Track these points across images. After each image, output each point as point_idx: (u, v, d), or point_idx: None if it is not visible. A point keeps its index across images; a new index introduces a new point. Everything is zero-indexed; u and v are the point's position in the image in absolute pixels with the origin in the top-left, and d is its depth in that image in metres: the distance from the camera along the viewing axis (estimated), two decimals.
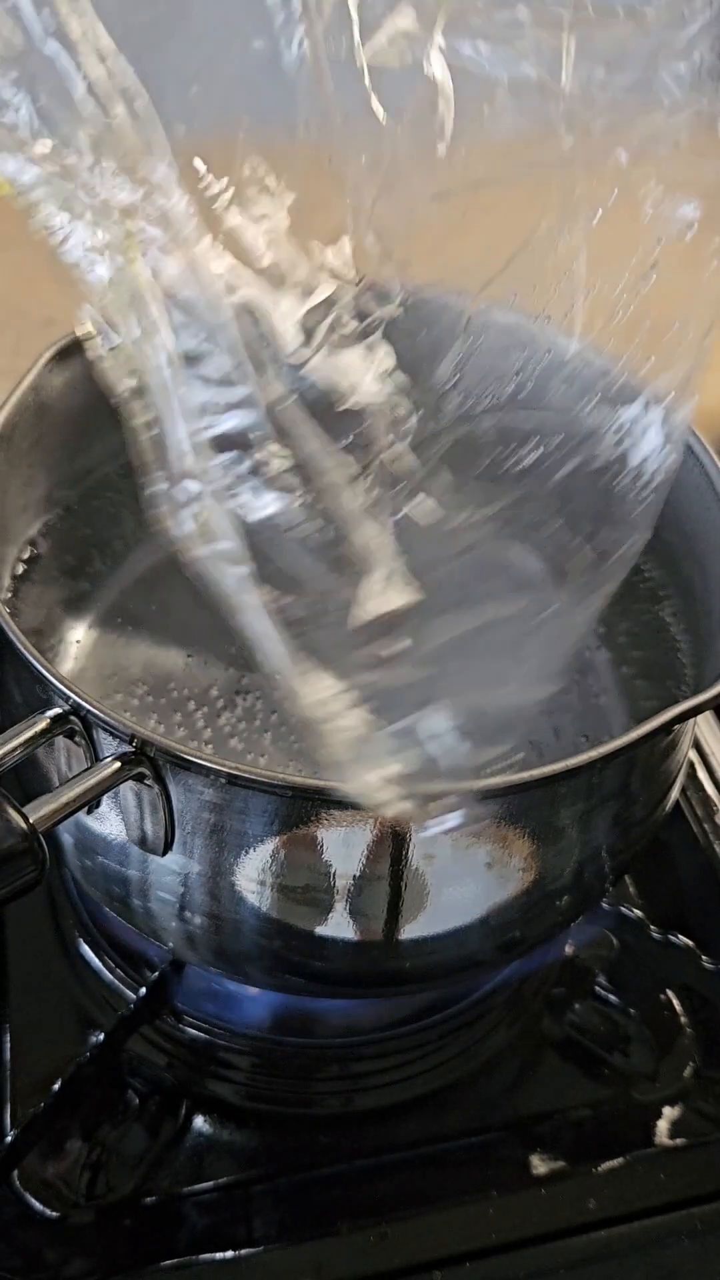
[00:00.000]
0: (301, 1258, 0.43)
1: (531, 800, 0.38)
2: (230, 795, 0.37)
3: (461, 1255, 0.43)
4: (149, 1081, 0.48)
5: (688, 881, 0.56)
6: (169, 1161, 0.47)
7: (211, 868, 0.39)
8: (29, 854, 0.33)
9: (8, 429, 0.46)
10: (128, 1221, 0.45)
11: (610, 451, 0.40)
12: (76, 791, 0.36)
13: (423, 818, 0.34)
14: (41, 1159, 0.46)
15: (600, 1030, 0.51)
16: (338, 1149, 0.47)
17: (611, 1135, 0.48)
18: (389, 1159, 0.47)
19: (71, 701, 0.37)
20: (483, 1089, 0.50)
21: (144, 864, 0.40)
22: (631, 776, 0.40)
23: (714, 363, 0.93)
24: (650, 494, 0.39)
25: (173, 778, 0.37)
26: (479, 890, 0.40)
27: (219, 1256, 0.43)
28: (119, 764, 0.36)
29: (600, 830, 0.41)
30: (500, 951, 0.44)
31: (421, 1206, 0.45)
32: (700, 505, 0.46)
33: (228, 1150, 0.47)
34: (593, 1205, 0.45)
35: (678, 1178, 0.46)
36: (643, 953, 0.52)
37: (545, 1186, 0.46)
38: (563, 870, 0.41)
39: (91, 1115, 0.47)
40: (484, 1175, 0.47)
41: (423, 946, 0.40)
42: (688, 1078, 0.50)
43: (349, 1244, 0.44)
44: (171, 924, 0.41)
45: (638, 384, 0.40)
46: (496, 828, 0.38)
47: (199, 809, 0.37)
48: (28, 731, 0.37)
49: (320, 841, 0.37)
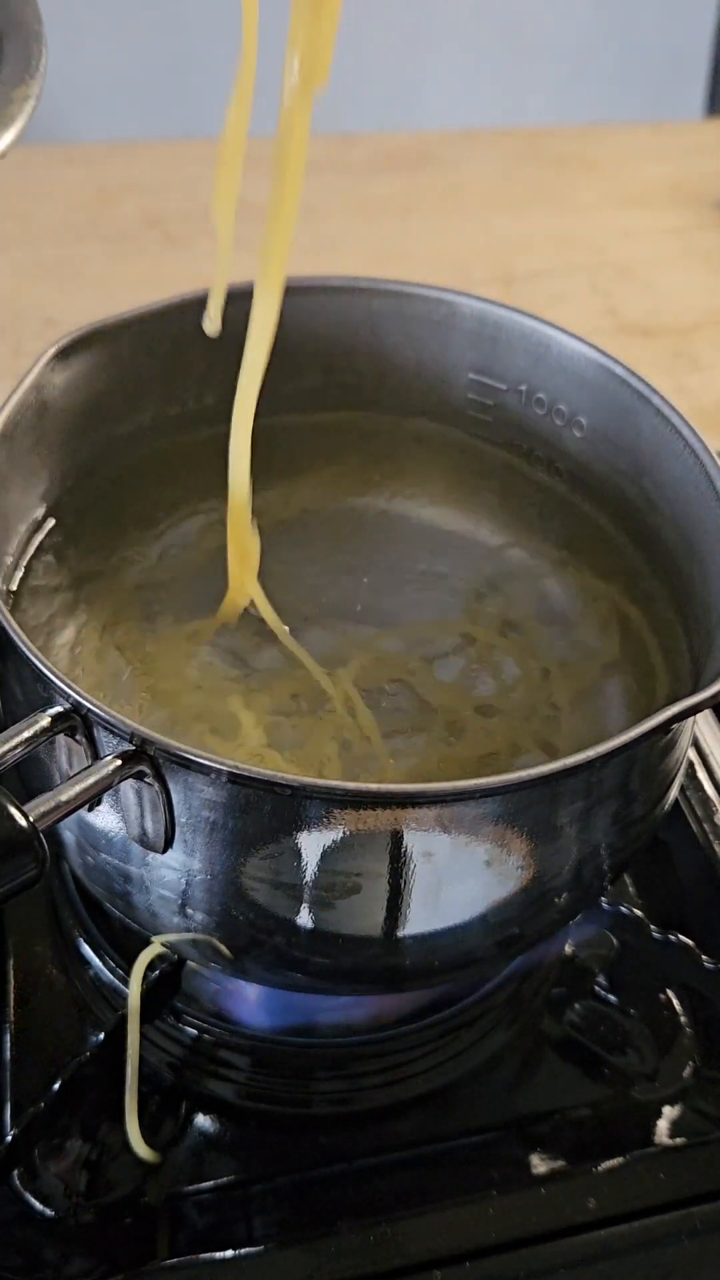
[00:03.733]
0: (301, 1258, 0.43)
1: (530, 798, 0.38)
2: (230, 793, 0.37)
3: (461, 1255, 0.43)
4: (149, 1081, 0.48)
5: (688, 881, 0.56)
6: (169, 1161, 0.47)
7: (212, 865, 0.39)
8: (30, 851, 0.33)
9: (9, 428, 0.46)
10: (128, 1221, 0.45)
11: None
12: (77, 789, 0.36)
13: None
14: (41, 1159, 0.46)
15: (600, 1030, 0.51)
16: (337, 1149, 0.47)
17: (611, 1135, 0.48)
18: (389, 1159, 0.47)
19: (72, 700, 0.37)
20: (483, 1089, 0.50)
21: (145, 861, 0.40)
22: (630, 775, 0.41)
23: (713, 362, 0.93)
24: None
25: (173, 776, 0.37)
26: (478, 888, 0.40)
27: (219, 1256, 0.43)
28: (119, 762, 0.36)
29: (599, 828, 0.41)
30: (499, 948, 0.44)
31: (421, 1206, 0.45)
32: (700, 505, 0.46)
33: (228, 1150, 0.47)
34: (593, 1205, 0.45)
35: (678, 1177, 0.46)
36: (643, 952, 0.52)
37: (545, 1186, 0.46)
38: (562, 868, 0.41)
39: (91, 1115, 0.47)
40: (484, 1175, 0.47)
41: (422, 943, 0.40)
42: (688, 1077, 0.50)
43: (349, 1244, 0.43)
44: (173, 920, 0.41)
45: None
46: (495, 825, 0.38)
47: (199, 807, 0.37)
48: (29, 730, 0.37)
49: (320, 839, 0.37)
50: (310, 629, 0.49)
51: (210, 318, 0.45)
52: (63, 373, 0.48)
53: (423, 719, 0.47)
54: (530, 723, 0.47)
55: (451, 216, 0.97)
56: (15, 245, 0.92)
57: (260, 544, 0.47)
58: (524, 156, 1.05)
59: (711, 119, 1.42)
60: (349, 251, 0.92)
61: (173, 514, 0.54)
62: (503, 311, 0.53)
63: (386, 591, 0.51)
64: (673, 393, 0.49)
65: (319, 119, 0.41)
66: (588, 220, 0.98)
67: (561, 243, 0.95)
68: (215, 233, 0.42)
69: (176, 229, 0.94)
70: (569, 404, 0.53)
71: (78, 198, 0.97)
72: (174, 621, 0.49)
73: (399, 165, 1.02)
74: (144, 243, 0.92)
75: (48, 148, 1.07)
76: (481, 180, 1.01)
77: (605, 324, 0.87)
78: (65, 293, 0.87)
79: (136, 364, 0.52)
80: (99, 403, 0.51)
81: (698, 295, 0.91)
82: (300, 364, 0.56)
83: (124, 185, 0.98)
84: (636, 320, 0.88)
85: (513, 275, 0.91)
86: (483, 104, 1.76)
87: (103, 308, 0.50)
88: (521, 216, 0.98)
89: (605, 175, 1.03)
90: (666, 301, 0.90)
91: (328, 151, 1.02)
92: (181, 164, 1.01)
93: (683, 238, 0.96)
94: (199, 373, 0.54)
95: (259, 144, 0.42)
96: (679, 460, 0.48)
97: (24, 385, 0.47)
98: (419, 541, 0.54)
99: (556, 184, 1.02)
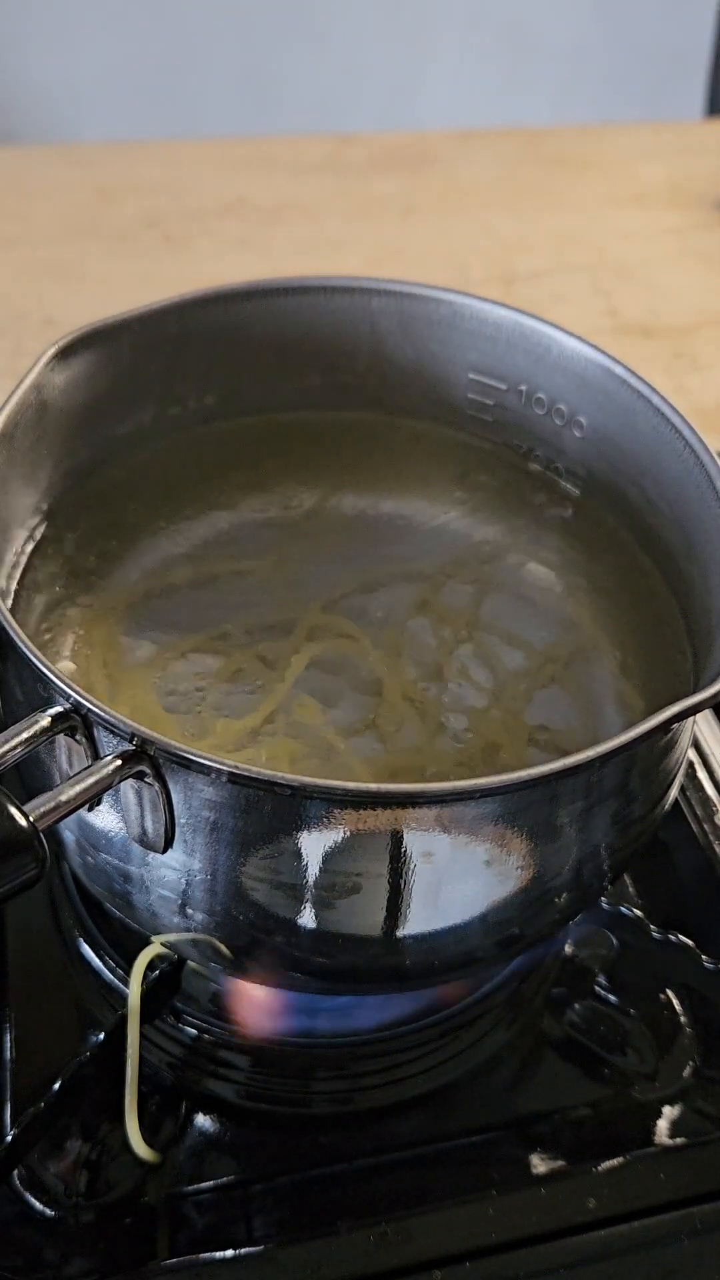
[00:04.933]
0: (301, 1257, 0.43)
1: (530, 798, 0.38)
2: (231, 793, 0.37)
3: (461, 1255, 0.43)
4: (149, 1081, 0.48)
5: (688, 881, 0.56)
6: (169, 1161, 0.47)
7: (212, 865, 0.39)
8: (30, 851, 0.33)
9: (9, 427, 0.46)
10: (128, 1221, 0.45)
11: None
12: (77, 789, 0.36)
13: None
14: (41, 1158, 0.46)
15: (600, 1030, 0.51)
16: (338, 1149, 0.47)
17: (611, 1135, 0.48)
18: (389, 1159, 0.47)
19: (72, 700, 0.37)
20: (483, 1089, 0.50)
21: (145, 861, 0.40)
22: (630, 775, 0.41)
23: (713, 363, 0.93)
24: None
25: (173, 776, 0.37)
26: (478, 887, 0.40)
27: (219, 1256, 0.43)
28: (119, 762, 0.36)
29: (599, 828, 0.41)
30: (499, 948, 0.44)
31: (421, 1206, 0.45)
32: (700, 505, 0.46)
33: (228, 1150, 0.47)
34: (593, 1205, 0.45)
35: (677, 1177, 0.46)
36: (642, 952, 0.52)
37: (545, 1186, 0.46)
38: (561, 868, 0.41)
39: (91, 1115, 0.47)
40: (484, 1175, 0.47)
41: (422, 943, 0.40)
42: (688, 1077, 0.50)
43: (349, 1244, 0.43)
44: (173, 920, 0.41)
45: None
46: (495, 825, 0.38)
47: (199, 807, 0.37)
48: (29, 730, 0.37)
49: (320, 839, 0.37)
50: (311, 628, 0.49)
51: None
52: (63, 373, 0.48)
53: (423, 719, 0.46)
54: (530, 722, 0.47)
55: (451, 216, 0.97)
56: (15, 245, 0.92)
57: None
58: (524, 156, 1.05)
59: (711, 119, 1.42)
60: (349, 251, 0.92)
61: (173, 513, 0.54)
62: (503, 311, 0.53)
63: (385, 591, 0.51)
64: (673, 393, 0.49)
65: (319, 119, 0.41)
66: (588, 220, 0.98)
67: (561, 243, 0.95)
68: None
69: (176, 229, 0.94)
70: (569, 404, 0.53)
71: (78, 198, 0.97)
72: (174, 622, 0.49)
73: (399, 165, 1.02)
74: (144, 243, 0.93)
75: (48, 148, 1.07)
76: (481, 180, 1.02)
77: (605, 324, 0.87)
78: (65, 293, 0.87)
79: (136, 364, 0.52)
80: (99, 403, 0.51)
81: (698, 295, 0.91)
82: (300, 364, 0.56)
83: (124, 185, 0.98)
84: (636, 320, 0.88)
85: (513, 275, 0.91)
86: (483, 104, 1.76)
87: (103, 308, 0.50)
88: (521, 216, 0.98)
89: (605, 175, 1.03)
90: (666, 301, 0.90)
91: (328, 151, 1.02)
92: (181, 164, 1.01)
93: (682, 238, 0.96)
94: (199, 372, 0.54)
95: (260, 144, 0.42)
96: (679, 460, 0.48)
97: (24, 385, 0.47)
98: (418, 541, 0.54)
99: (556, 184, 1.02)
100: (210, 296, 0.52)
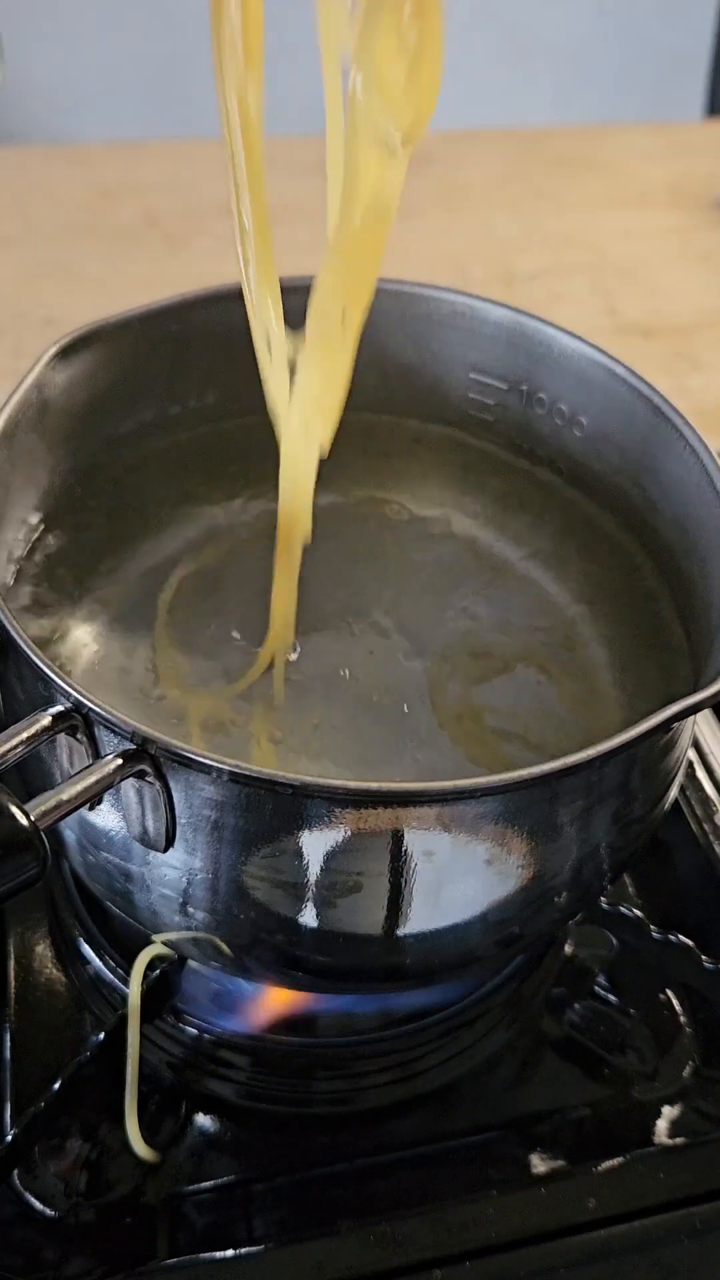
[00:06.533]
0: (301, 1257, 0.43)
1: (531, 798, 0.38)
2: (231, 792, 0.37)
3: (461, 1255, 0.43)
4: (149, 1081, 0.48)
5: (688, 881, 0.56)
6: (169, 1161, 0.47)
7: (213, 864, 0.39)
8: (31, 850, 0.33)
9: (10, 427, 0.46)
10: (128, 1221, 0.45)
11: None
12: (78, 789, 0.36)
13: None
14: (41, 1158, 0.46)
15: (600, 1030, 0.51)
16: (338, 1148, 0.47)
17: (611, 1135, 0.48)
18: (389, 1158, 0.47)
19: (73, 699, 0.37)
20: (483, 1089, 0.50)
21: (146, 860, 0.40)
22: (630, 774, 0.41)
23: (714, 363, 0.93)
24: None
25: (174, 775, 0.37)
26: (478, 887, 0.40)
27: (219, 1256, 0.43)
28: (120, 761, 0.36)
29: (599, 828, 0.41)
30: (499, 947, 0.44)
31: (421, 1206, 0.45)
32: (700, 505, 0.46)
33: (228, 1150, 0.47)
34: (592, 1204, 0.45)
35: (677, 1177, 0.46)
36: (642, 952, 0.52)
37: (545, 1186, 0.46)
38: (561, 867, 0.41)
39: (91, 1115, 0.47)
40: (484, 1175, 0.47)
41: (422, 942, 0.40)
42: (687, 1077, 0.50)
43: (349, 1243, 0.43)
44: (174, 919, 0.41)
45: None
46: (496, 825, 0.38)
47: (200, 806, 0.37)
48: (30, 729, 0.37)
49: (321, 838, 0.37)
50: (309, 628, 0.49)
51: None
52: (63, 372, 0.48)
53: (420, 717, 0.46)
54: (528, 721, 0.47)
55: (451, 216, 0.97)
56: (15, 245, 0.92)
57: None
58: (524, 156, 1.05)
59: (711, 119, 1.42)
60: None
61: (174, 513, 0.54)
62: (503, 311, 0.53)
63: (385, 590, 0.51)
64: (673, 393, 0.49)
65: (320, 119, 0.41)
66: (588, 220, 0.98)
67: (561, 243, 0.95)
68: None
69: (176, 229, 0.94)
70: (569, 404, 0.53)
71: (78, 198, 0.97)
72: (174, 621, 0.49)
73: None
74: (144, 243, 0.93)
75: (48, 148, 1.07)
76: (481, 180, 1.01)
77: (605, 324, 0.87)
78: (65, 293, 0.87)
79: (137, 364, 0.52)
80: (100, 402, 0.51)
81: (698, 295, 0.91)
82: None
83: (124, 185, 0.98)
84: (636, 320, 0.88)
85: (513, 275, 0.91)
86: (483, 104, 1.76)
87: (103, 308, 0.50)
88: (521, 216, 0.98)
89: (605, 175, 1.03)
90: (666, 302, 0.90)
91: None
92: (181, 164, 1.01)
93: (682, 238, 0.96)
94: (200, 372, 0.54)
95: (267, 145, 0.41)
96: (679, 460, 0.48)
97: (25, 385, 0.47)
98: (418, 541, 0.54)
99: (556, 184, 1.02)
100: (210, 296, 0.52)
